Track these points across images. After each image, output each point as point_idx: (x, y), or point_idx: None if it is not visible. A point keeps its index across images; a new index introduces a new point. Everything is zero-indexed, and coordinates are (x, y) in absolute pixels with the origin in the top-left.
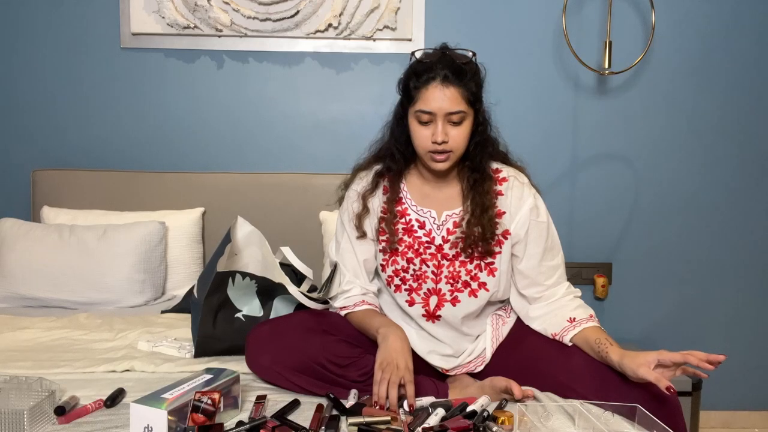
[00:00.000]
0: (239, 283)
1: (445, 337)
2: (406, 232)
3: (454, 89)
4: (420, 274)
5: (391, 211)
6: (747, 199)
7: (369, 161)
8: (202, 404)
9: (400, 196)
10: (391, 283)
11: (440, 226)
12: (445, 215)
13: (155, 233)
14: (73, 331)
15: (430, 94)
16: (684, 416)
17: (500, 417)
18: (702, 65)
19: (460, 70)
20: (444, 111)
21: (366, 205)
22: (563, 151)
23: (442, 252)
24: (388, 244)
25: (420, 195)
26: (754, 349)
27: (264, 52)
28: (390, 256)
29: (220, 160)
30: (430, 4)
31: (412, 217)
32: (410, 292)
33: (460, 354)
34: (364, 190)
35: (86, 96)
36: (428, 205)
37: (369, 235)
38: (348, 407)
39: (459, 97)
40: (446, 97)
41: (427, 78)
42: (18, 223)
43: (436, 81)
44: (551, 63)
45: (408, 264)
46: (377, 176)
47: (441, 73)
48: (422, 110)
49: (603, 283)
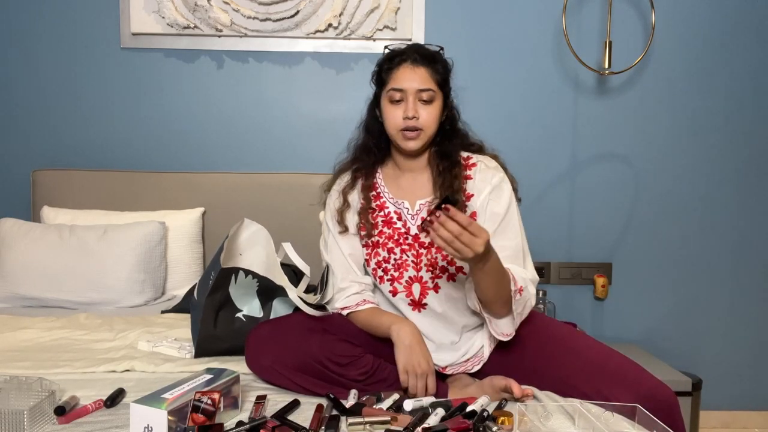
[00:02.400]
0: (241, 281)
1: (431, 327)
2: (385, 224)
3: (424, 69)
4: (401, 263)
5: (368, 204)
6: (747, 199)
7: (348, 162)
8: (202, 404)
9: (378, 190)
10: (375, 275)
11: (414, 216)
12: (419, 204)
13: (155, 233)
14: (73, 331)
15: (401, 73)
16: (684, 416)
17: (500, 417)
18: (702, 65)
19: (430, 53)
20: (414, 88)
21: (346, 199)
22: (563, 151)
23: (418, 241)
24: (367, 237)
25: (395, 186)
26: (753, 349)
27: (264, 52)
28: (372, 249)
29: (220, 160)
30: (430, 4)
31: (390, 209)
32: (392, 282)
33: (451, 347)
34: (343, 187)
35: (86, 96)
36: (402, 196)
37: (351, 230)
38: (348, 407)
39: (428, 76)
40: (417, 75)
41: (398, 60)
42: (18, 223)
43: (407, 62)
44: (551, 63)
45: (389, 254)
46: (355, 172)
47: (412, 55)
48: (394, 88)
49: (603, 283)
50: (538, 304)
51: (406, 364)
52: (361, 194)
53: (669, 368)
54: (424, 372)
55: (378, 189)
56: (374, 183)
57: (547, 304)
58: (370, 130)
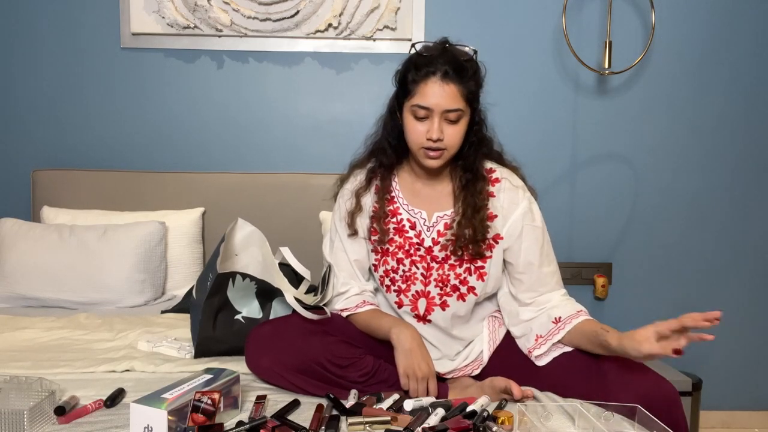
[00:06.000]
0: (239, 284)
1: (435, 339)
2: (397, 232)
3: (454, 86)
4: (409, 276)
5: (382, 209)
6: (747, 199)
7: (364, 158)
8: (202, 404)
9: (392, 194)
10: (382, 283)
11: (430, 228)
12: (436, 216)
13: (155, 233)
14: (73, 331)
15: (428, 89)
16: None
17: (500, 417)
18: (702, 65)
19: (462, 67)
20: (442, 108)
21: (359, 202)
22: (563, 151)
23: (431, 254)
24: (378, 243)
25: (411, 193)
26: (754, 349)
27: (264, 52)
28: (381, 255)
29: (220, 160)
30: (430, 4)
31: (404, 216)
32: (399, 294)
33: (455, 357)
34: (357, 188)
35: (86, 96)
36: (419, 205)
37: (361, 234)
38: (348, 407)
39: (458, 94)
40: (445, 93)
41: (426, 72)
42: (18, 223)
43: (435, 76)
44: (551, 63)
45: (398, 265)
46: (370, 173)
47: (442, 68)
48: (419, 105)
49: (603, 283)
50: None
51: (407, 368)
52: (375, 197)
53: (669, 368)
54: (425, 375)
55: (392, 193)
56: (389, 187)
57: None
58: (389, 131)
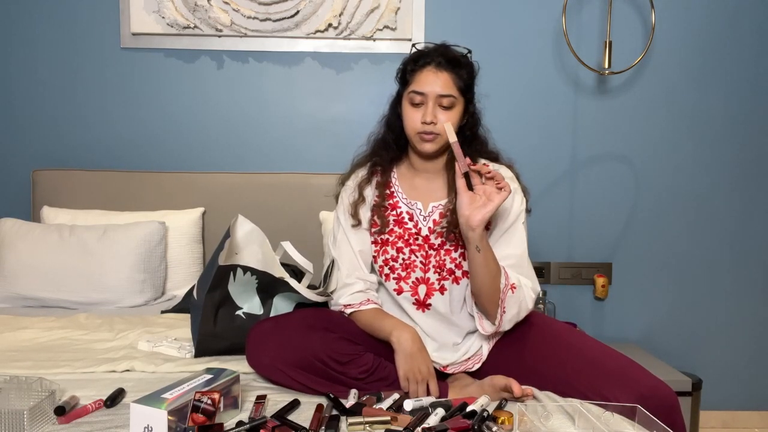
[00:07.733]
0: (240, 278)
1: (434, 329)
2: (396, 223)
3: (447, 74)
4: (409, 263)
5: (382, 201)
6: (747, 199)
7: (366, 157)
8: (202, 404)
9: (391, 189)
10: (382, 272)
11: (426, 218)
12: (431, 206)
13: (155, 233)
14: (73, 331)
15: (423, 76)
16: (684, 416)
17: (500, 417)
18: (702, 65)
19: (455, 59)
20: (435, 93)
21: (362, 193)
22: (563, 151)
23: (428, 242)
24: (378, 234)
25: (409, 187)
26: (753, 349)
27: (264, 52)
28: (381, 246)
29: (220, 160)
30: (430, 4)
31: (403, 209)
32: (398, 281)
33: (454, 348)
34: (360, 181)
35: (86, 96)
36: (416, 197)
37: (363, 225)
38: (348, 407)
39: (451, 82)
40: (439, 80)
41: (423, 63)
42: (18, 223)
43: (430, 66)
44: (551, 63)
45: (398, 254)
46: (372, 167)
47: (436, 59)
48: (415, 91)
49: (603, 283)
50: (538, 304)
51: (407, 372)
52: (376, 190)
53: (669, 368)
54: (425, 378)
55: (392, 188)
56: (389, 181)
57: (547, 304)
58: (390, 127)
